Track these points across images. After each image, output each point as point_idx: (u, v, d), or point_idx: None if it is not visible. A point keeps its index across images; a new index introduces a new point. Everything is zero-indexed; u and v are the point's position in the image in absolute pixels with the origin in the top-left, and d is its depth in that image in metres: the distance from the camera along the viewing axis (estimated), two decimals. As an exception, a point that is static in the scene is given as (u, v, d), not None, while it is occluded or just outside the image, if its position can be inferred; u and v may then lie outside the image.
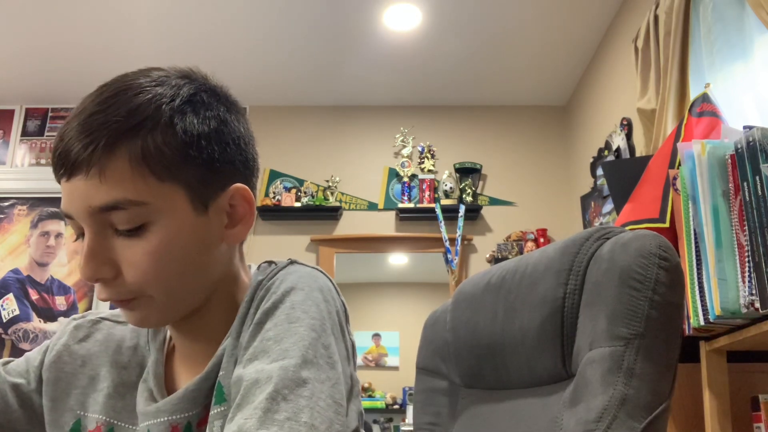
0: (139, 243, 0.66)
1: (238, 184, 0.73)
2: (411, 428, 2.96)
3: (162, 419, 0.71)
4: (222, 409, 0.68)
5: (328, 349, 0.65)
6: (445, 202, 3.72)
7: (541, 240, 3.59)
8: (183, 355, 0.79)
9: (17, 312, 3.64)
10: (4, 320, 3.62)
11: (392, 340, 3.81)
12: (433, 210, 3.68)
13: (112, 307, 0.79)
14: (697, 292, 1.40)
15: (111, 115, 0.65)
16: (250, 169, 0.76)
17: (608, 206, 3.03)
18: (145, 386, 0.77)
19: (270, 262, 0.77)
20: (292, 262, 0.75)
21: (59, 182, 0.68)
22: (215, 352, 0.72)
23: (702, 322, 1.38)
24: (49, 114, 3.90)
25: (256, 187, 0.79)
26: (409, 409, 3.48)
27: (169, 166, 0.66)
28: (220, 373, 0.69)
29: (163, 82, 0.69)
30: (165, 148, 0.66)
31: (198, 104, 0.70)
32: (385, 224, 3.78)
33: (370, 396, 3.63)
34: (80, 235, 0.69)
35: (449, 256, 3.63)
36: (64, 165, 0.66)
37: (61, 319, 3.63)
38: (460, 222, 3.65)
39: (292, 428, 0.57)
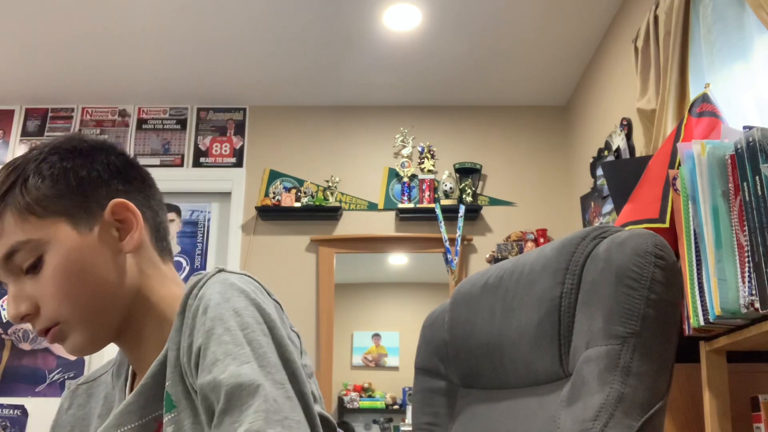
0: (42, 276, 0.78)
1: (116, 199, 0.82)
2: (410, 428, 2.95)
3: None
4: (173, 415, 0.73)
5: (282, 346, 0.71)
6: (445, 202, 3.72)
7: (541, 240, 3.58)
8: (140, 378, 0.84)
9: (17, 312, 3.64)
10: (4, 320, 3.62)
11: (392, 340, 3.80)
12: (433, 210, 3.68)
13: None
14: (696, 293, 1.40)
15: None
16: (134, 186, 0.85)
17: (608, 206, 3.03)
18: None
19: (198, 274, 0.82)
20: (220, 270, 0.79)
21: None
22: None
23: (702, 323, 1.38)
24: (49, 114, 3.89)
25: (159, 200, 0.88)
26: (409, 409, 3.47)
27: (43, 204, 0.78)
28: (167, 382, 0.74)
29: (35, 149, 0.82)
30: (35, 192, 0.78)
31: (62, 150, 0.82)
32: (385, 224, 3.77)
33: (370, 396, 3.62)
34: None
35: (449, 256, 3.63)
36: None
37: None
38: (460, 222, 3.65)
39: (291, 427, 0.63)
